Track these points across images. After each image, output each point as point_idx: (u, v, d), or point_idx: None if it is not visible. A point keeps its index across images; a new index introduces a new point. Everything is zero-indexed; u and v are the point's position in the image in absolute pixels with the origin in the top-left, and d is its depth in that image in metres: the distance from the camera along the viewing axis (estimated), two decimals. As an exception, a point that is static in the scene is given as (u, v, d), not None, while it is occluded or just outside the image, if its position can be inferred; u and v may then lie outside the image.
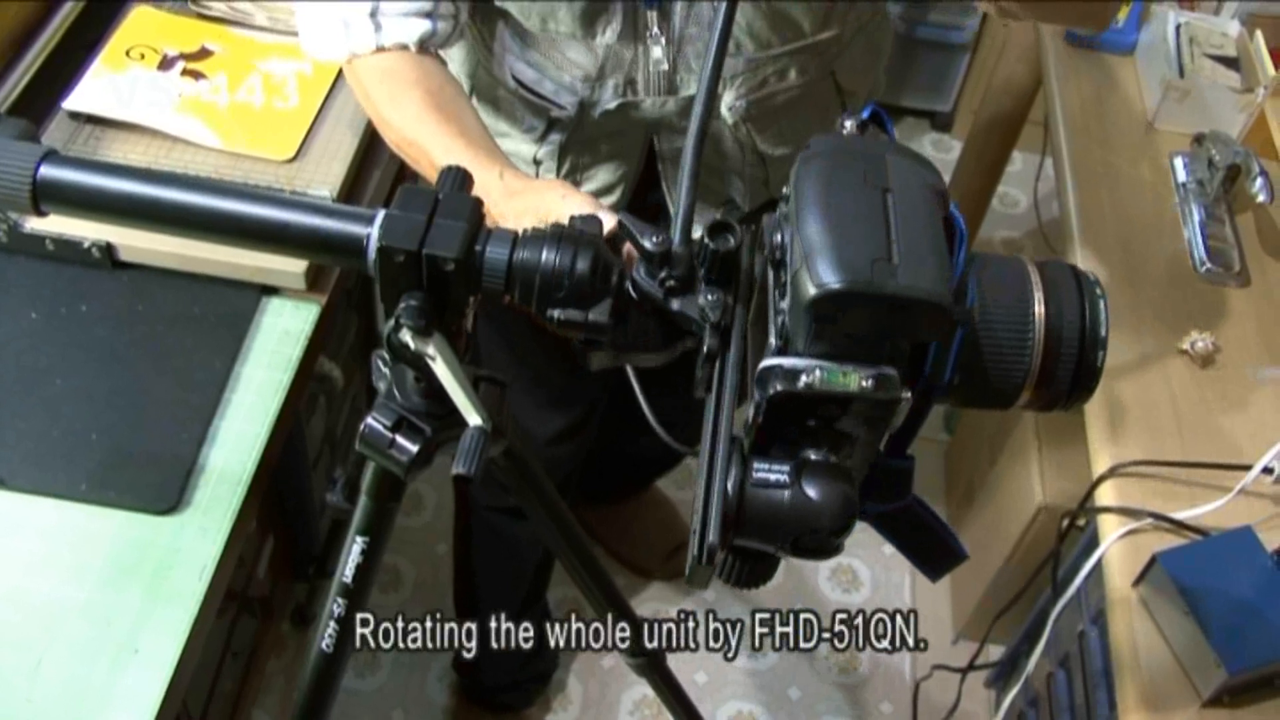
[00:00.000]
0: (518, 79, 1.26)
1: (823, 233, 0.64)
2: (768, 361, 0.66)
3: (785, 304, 0.66)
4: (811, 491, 0.66)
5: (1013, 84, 2.29)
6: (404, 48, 1.14)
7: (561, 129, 1.27)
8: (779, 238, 0.69)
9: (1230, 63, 1.77)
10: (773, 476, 0.66)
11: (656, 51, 1.18)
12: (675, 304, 0.76)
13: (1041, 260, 0.72)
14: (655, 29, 1.17)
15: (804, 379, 0.64)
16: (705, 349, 0.75)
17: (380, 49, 1.13)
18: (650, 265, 0.77)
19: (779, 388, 0.64)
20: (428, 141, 1.10)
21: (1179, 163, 1.71)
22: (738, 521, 0.66)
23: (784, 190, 0.69)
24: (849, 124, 0.70)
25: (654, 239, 0.76)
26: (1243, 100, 1.72)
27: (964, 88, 3.18)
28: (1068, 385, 0.70)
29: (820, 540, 0.67)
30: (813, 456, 0.67)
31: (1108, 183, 1.69)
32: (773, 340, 0.68)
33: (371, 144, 1.47)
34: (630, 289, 0.78)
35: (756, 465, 0.66)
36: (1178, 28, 1.81)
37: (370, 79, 1.16)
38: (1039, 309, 0.69)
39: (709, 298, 0.75)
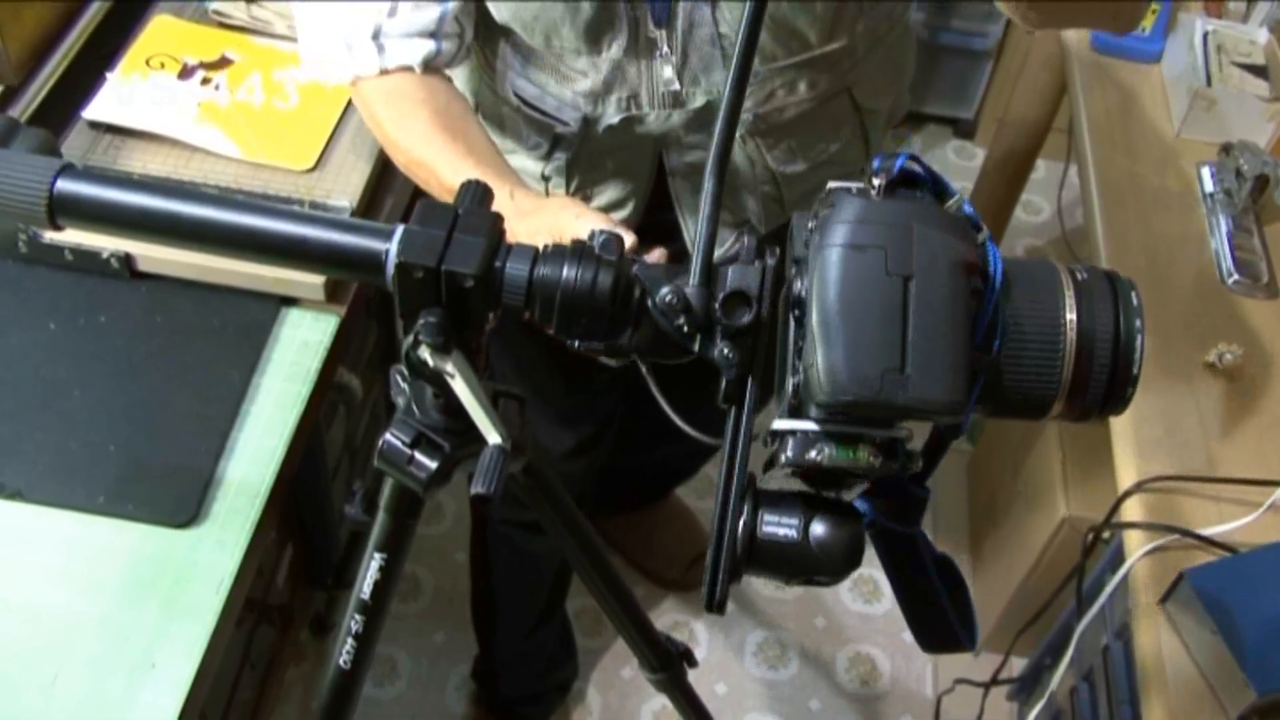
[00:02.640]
0: (519, 96, 1.24)
1: (837, 335, 0.63)
2: (780, 424, 0.68)
3: (801, 367, 0.66)
4: (819, 541, 0.69)
5: (1036, 91, 2.27)
6: (408, 69, 1.13)
7: (567, 145, 1.25)
8: (799, 286, 0.67)
9: (1259, 71, 1.75)
10: (781, 531, 0.69)
11: (667, 71, 1.17)
12: (694, 345, 0.74)
13: (1076, 265, 0.71)
14: (665, 48, 1.15)
15: (813, 454, 0.66)
16: (723, 387, 0.73)
17: (384, 71, 1.12)
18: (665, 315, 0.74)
19: (789, 456, 0.67)
20: (436, 162, 1.09)
21: (1206, 173, 1.69)
22: (748, 561, 0.69)
23: (809, 226, 0.68)
24: (877, 181, 0.66)
25: (668, 297, 0.72)
26: (1271, 109, 1.70)
27: (987, 94, 3.17)
28: (1101, 396, 0.69)
29: (827, 578, 0.70)
30: (822, 495, 0.70)
31: (1133, 193, 1.67)
32: (789, 389, 0.68)
33: (391, 154, 1.47)
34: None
35: (766, 518, 0.69)
36: (1205, 35, 1.79)
37: (376, 100, 1.14)
38: (1070, 317, 0.68)
39: (725, 353, 0.72)
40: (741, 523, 0.69)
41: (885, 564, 0.77)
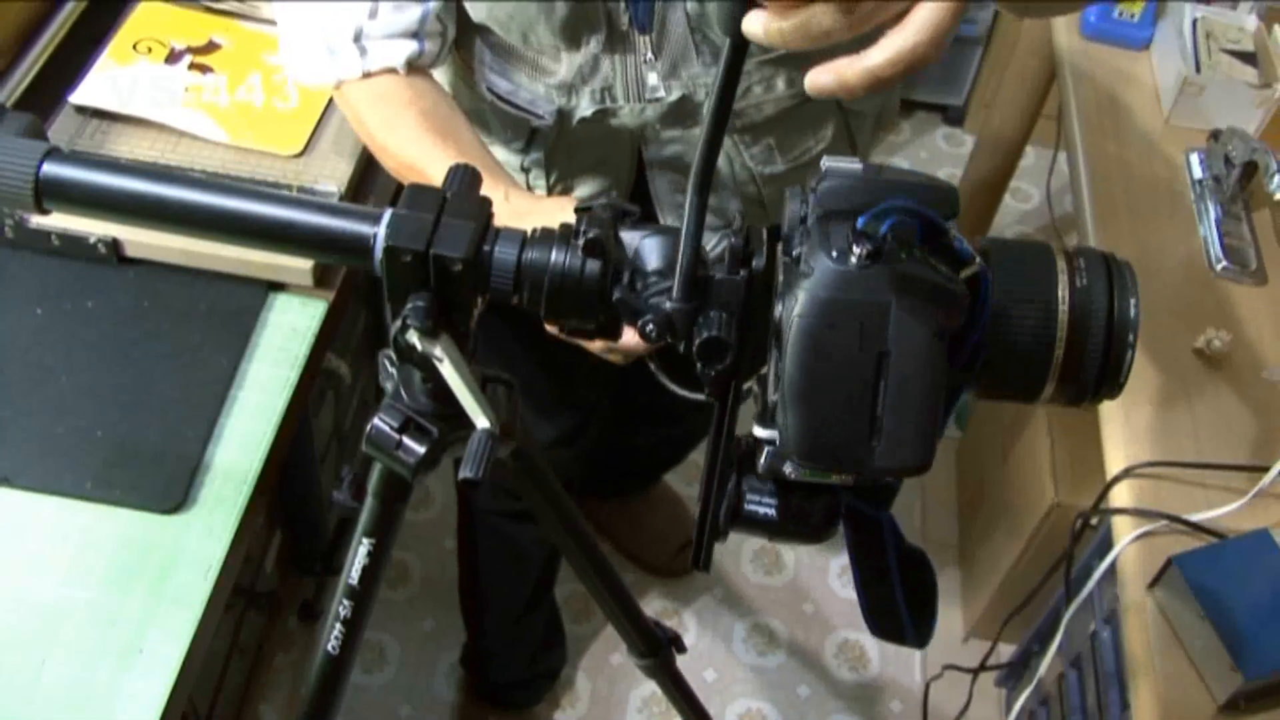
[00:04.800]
0: (493, 91, 1.23)
1: (805, 409, 0.63)
2: (759, 432, 0.69)
3: (777, 391, 0.66)
4: (795, 520, 0.71)
5: (1026, 78, 2.28)
6: (392, 70, 1.11)
7: (543, 139, 1.24)
8: (779, 310, 0.66)
9: (1248, 58, 1.75)
10: (761, 510, 0.71)
11: (652, 78, 1.16)
12: (679, 348, 0.73)
13: (1074, 248, 0.70)
14: (650, 54, 1.14)
15: (787, 468, 0.67)
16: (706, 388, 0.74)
17: (367, 74, 1.11)
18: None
19: (764, 465, 0.69)
20: (427, 165, 1.07)
21: (1195, 159, 1.69)
22: (731, 523, 0.72)
23: (795, 251, 0.66)
24: (858, 250, 0.62)
25: (649, 329, 0.72)
26: (1260, 96, 1.70)
27: (976, 81, 3.17)
28: (1094, 380, 0.68)
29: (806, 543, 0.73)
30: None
31: (1122, 179, 1.67)
32: (768, 401, 0.68)
33: (380, 139, 1.46)
34: None
35: (749, 498, 0.71)
36: (1194, 22, 1.79)
37: (361, 104, 1.13)
38: (1063, 299, 0.67)
39: (706, 369, 0.72)
40: (725, 500, 0.71)
41: (848, 541, 0.77)
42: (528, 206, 1.03)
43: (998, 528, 2.13)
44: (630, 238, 0.75)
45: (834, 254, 0.62)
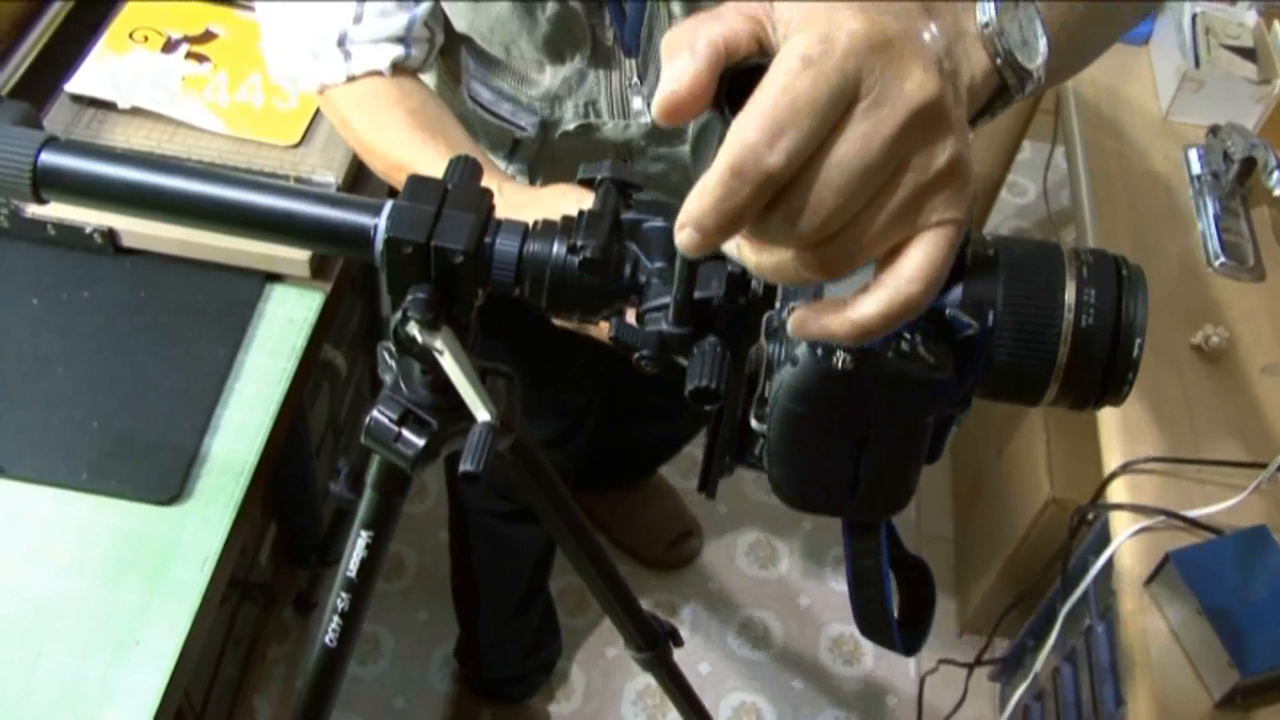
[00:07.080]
0: (475, 100, 1.22)
1: (786, 472, 0.66)
2: (754, 424, 0.69)
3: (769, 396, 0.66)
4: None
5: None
6: (377, 73, 1.10)
7: (526, 150, 1.23)
8: (771, 350, 0.66)
9: (1247, 53, 1.75)
10: (761, 464, 0.72)
11: (637, 102, 1.15)
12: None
13: (1083, 249, 0.69)
14: (635, 78, 1.13)
15: None
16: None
17: (352, 78, 1.09)
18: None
19: (757, 455, 0.70)
20: (418, 163, 1.06)
21: (1193, 155, 1.69)
22: (737, 462, 0.74)
23: (787, 308, 0.65)
24: (841, 358, 0.60)
25: (644, 363, 0.71)
26: (1259, 92, 1.70)
27: (973, 76, 3.16)
28: (1098, 384, 0.67)
29: None
30: None
31: (1120, 174, 1.67)
32: (765, 395, 0.68)
33: (377, 130, 1.45)
34: None
35: (750, 454, 0.72)
36: (1194, 18, 1.79)
37: (347, 107, 1.11)
38: (1069, 301, 0.66)
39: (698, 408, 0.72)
40: (730, 448, 0.72)
41: (845, 539, 0.76)
42: (524, 198, 1.02)
43: (993, 523, 2.13)
44: (633, 220, 0.75)
45: (819, 351, 0.60)
